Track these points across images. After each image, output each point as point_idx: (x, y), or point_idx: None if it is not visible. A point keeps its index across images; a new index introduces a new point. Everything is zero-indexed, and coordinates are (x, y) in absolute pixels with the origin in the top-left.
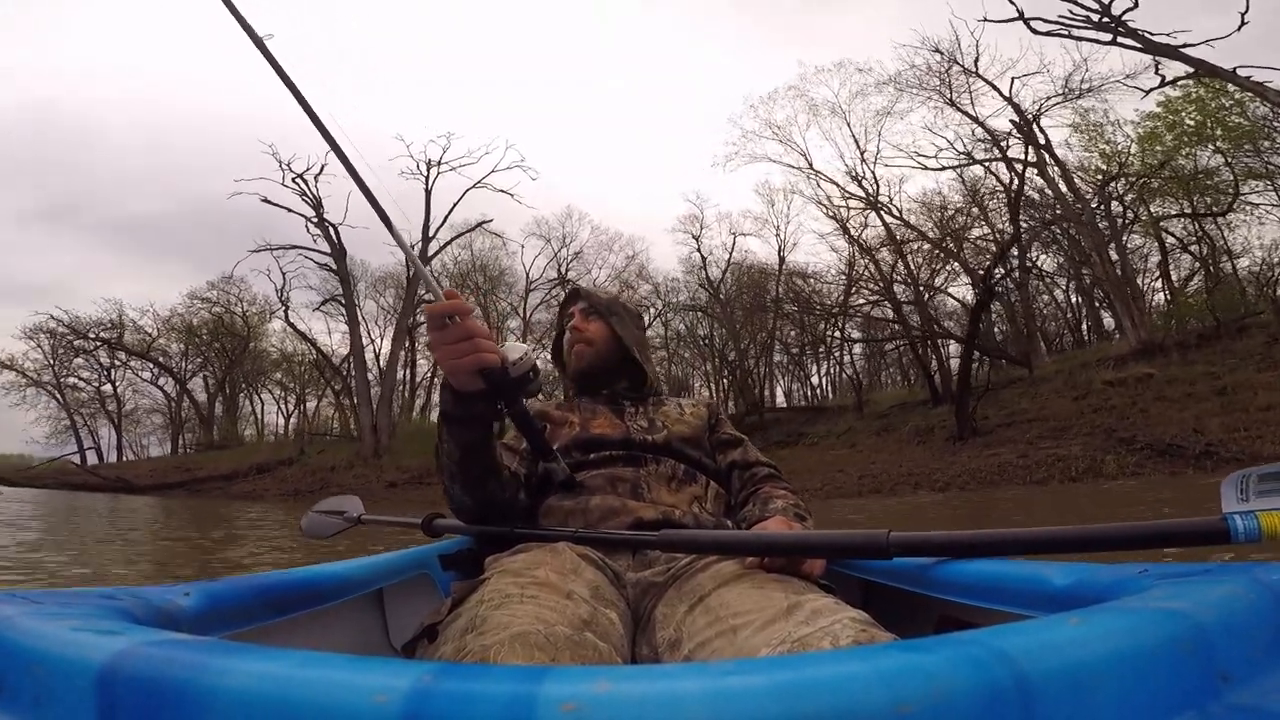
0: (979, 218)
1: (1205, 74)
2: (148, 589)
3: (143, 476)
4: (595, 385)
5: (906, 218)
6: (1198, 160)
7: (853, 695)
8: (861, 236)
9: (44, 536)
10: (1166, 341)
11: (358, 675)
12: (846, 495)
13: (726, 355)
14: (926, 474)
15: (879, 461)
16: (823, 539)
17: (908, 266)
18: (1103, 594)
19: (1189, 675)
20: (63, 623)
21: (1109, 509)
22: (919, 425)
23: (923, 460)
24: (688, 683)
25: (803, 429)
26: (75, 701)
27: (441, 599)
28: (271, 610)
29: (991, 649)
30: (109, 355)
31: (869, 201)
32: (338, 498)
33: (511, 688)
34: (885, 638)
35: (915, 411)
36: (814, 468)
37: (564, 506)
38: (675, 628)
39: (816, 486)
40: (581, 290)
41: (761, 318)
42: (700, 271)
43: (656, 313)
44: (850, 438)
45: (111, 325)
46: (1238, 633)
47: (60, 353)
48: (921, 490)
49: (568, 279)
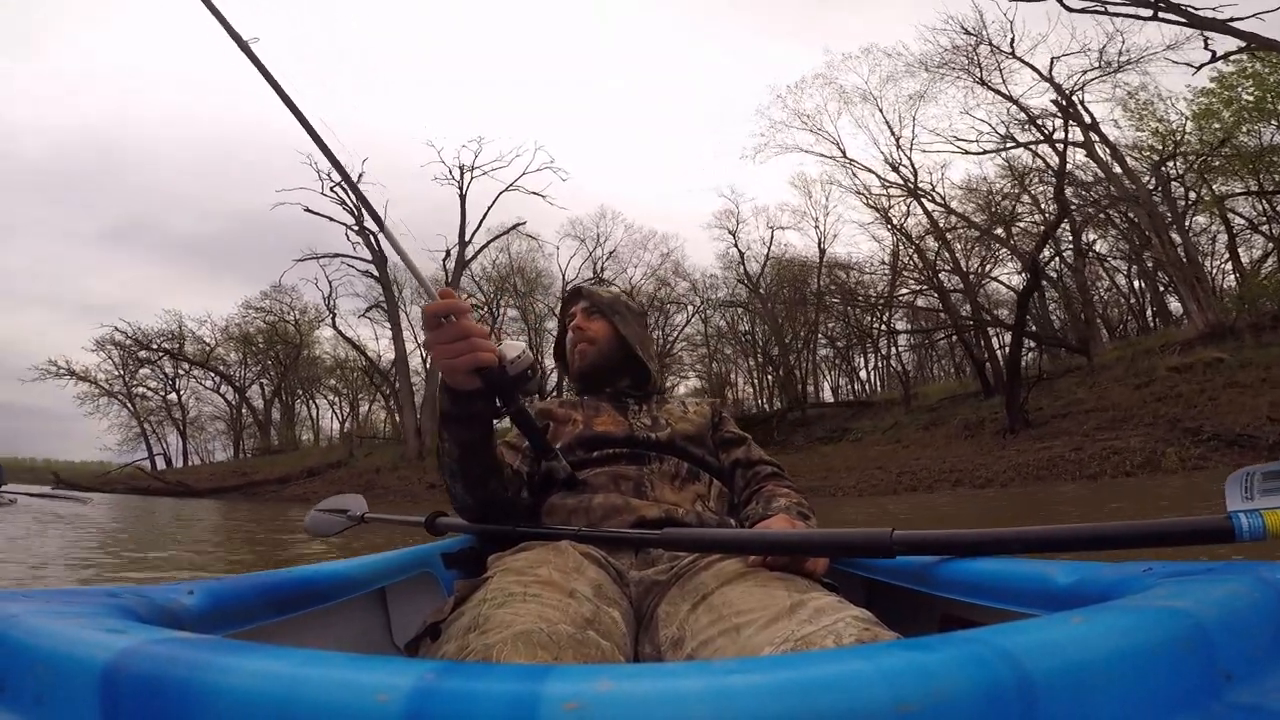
0: (1027, 202)
1: (1259, 47)
2: (151, 588)
3: (203, 480)
4: (598, 384)
5: (950, 204)
6: (1261, 137)
7: (855, 694)
8: (904, 225)
9: (135, 534)
10: (1238, 324)
11: (360, 674)
12: (881, 493)
13: (769, 351)
14: (969, 470)
15: (923, 457)
16: (826, 537)
17: (953, 254)
18: (1106, 593)
19: (1192, 674)
20: (66, 621)
21: (1163, 504)
22: (969, 418)
23: (969, 455)
24: (690, 681)
25: (847, 424)
26: (79, 700)
27: (444, 598)
28: (274, 609)
29: (994, 648)
30: (173, 365)
31: (910, 189)
32: (340, 497)
33: (514, 686)
34: (888, 636)
35: (965, 404)
36: (854, 464)
37: (567, 504)
38: (678, 626)
39: (850, 485)
40: (583, 290)
41: (803, 311)
42: (739, 267)
43: (695, 310)
44: (896, 433)
45: (172, 336)
46: (1241, 632)
47: (128, 364)
48: (961, 488)
49: (603, 278)
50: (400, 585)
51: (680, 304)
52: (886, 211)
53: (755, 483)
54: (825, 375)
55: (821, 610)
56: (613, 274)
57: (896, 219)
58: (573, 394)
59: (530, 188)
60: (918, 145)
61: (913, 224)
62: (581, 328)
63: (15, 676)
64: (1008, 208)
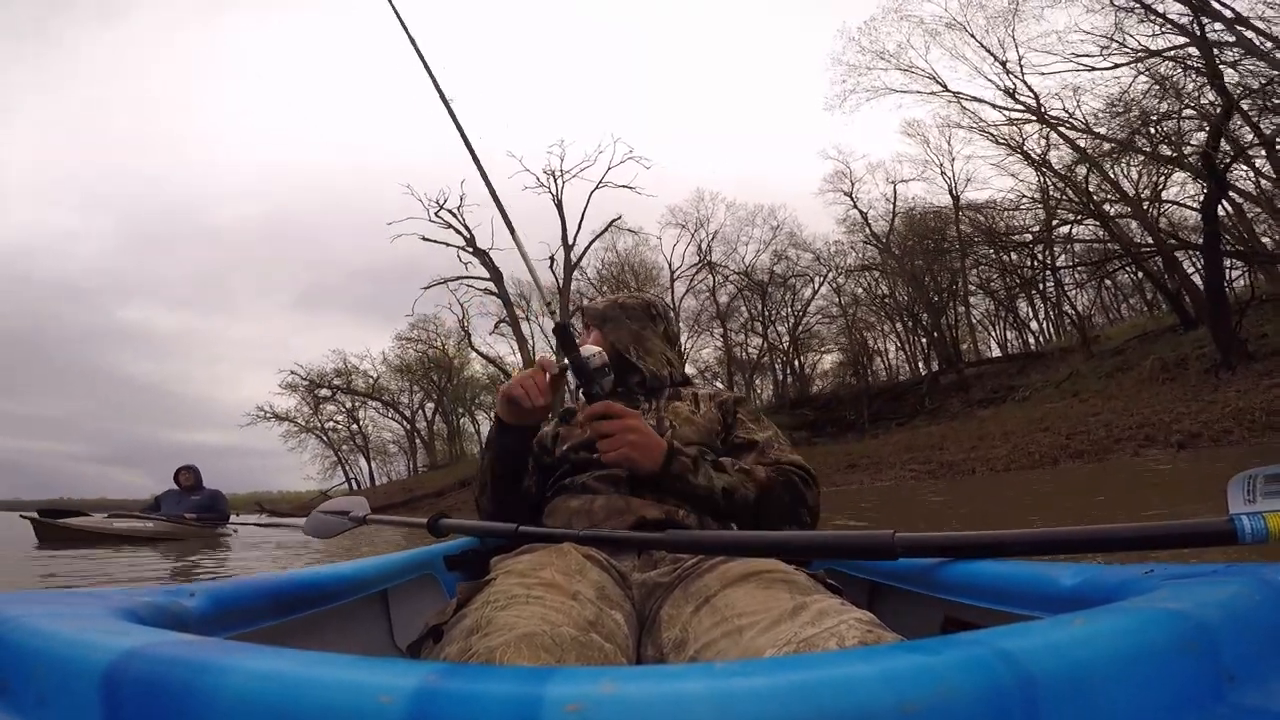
0: (1190, 115)
1: None
2: (152, 590)
3: (376, 499)
4: (623, 392)
5: (1092, 128)
6: None
7: (857, 696)
8: (1045, 157)
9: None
10: None
11: (362, 675)
12: (1036, 464)
13: (915, 311)
14: (1165, 423)
15: (1104, 411)
16: (829, 539)
17: (1112, 181)
18: (1108, 595)
19: (1195, 677)
20: (68, 623)
21: None
22: (1166, 357)
23: (1168, 403)
24: (692, 683)
25: (1012, 382)
26: (81, 701)
27: (446, 599)
28: (276, 611)
29: (996, 650)
30: (349, 399)
31: (1041, 116)
32: (343, 498)
33: (516, 688)
34: (891, 638)
35: (1160, 341)
36: (1014, 428)
37: (569, 506)
38: (681, 628)
39: (1000, 456)
40: (581, 308)
41: (945, 263)
42: (863, 229)
43: (822, 280)
44: (1072, 385)
45: (339, 373)
46: (1244, 634)
47: (309, 402)
48: (1152, 449)
49: (711, 261)
50: (402, 587)
51: (805, 276)
52: (1021, 146)
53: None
54: (990, 331)
55: (824, 612)
56: (721, 255)
57: (1035, 151)
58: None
59: (618, 182)
60: (1031, 68)
61: (1054, 156)
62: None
63: (18, 678)
64: (1161, 121)
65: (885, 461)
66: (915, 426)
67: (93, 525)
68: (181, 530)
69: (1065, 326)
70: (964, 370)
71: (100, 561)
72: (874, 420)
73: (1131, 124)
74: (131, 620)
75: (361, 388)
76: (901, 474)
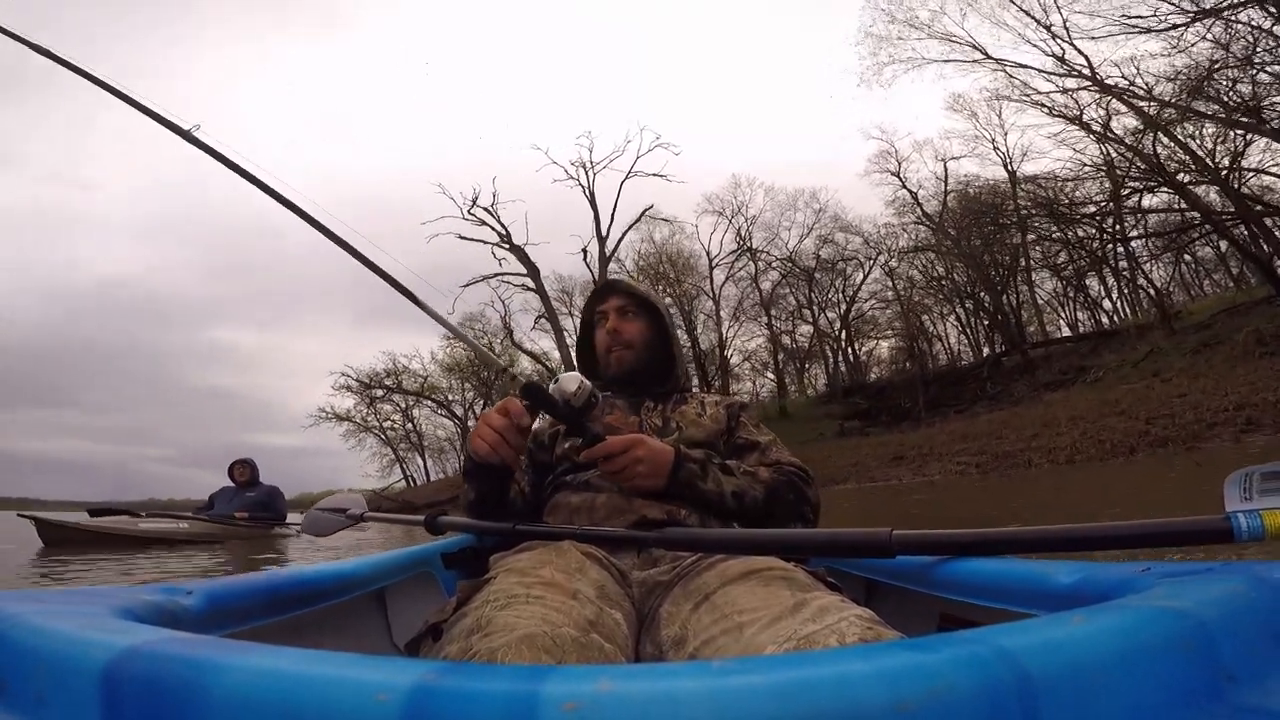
0: (1257, 75)
1: None
2: (150, 588)
3: (424, 496)
4: (630, 389)
5: (1154, 95)
6: None
7: (854, 694)
8: (1107, 127)
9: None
10: None
11: (359, 673)
12: (1108, 454)
13: (975, 293)
14: (1271, 404)
15: (1191, 392)
16: (826, 537)
17: (1186, 146)
18: (1105, 593)
19: (1192, 674)
20: (66, 622)
21: None
22: (1263, 330)
23: (1268, 379)
24: (689, 682)
25: (1084, 362)
26: (79, 700)
27: (444, 597)
28: (273, 609)
29: (994, 648)
30: (403, 398)
31: (1100, 84)
32: (340, 496)
33: (513, 687)
34: (892, 635)
35: (1254, 314)
36: (1084, 412)
37: (571, 502)
38: (680, 625)
39: (1065, 445)
40: (620, 284)
41: (1006, 241)
42: (914, 209)
43: (873, 263)
44: (1153, 363)
45: (389, 374)
46: (1241, 632)
47: (364, 401)
48: (1257, 434)
49: (752, 248)
50: (400, 585)
51: (855, 260)
52: (1079, 117)
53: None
54: (1060, 312)
55: (824, 609)
56: (762, 241)
57: (1096, 121)
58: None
59: (649, 171)
60: (1079, 31)
61: (1116, 125)
62: (618, 330)
63: (17, 677)
64: (1234, 86)
65: (935, 453)
66: (975, 414)
67: (110, 526)
68: (224, 531)
69: (1142, 304)
70: (1029, 351)
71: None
72: (931, 407)
73: (1199, 88)
74: (130, 619)
75: (412, 387)
76: (949, 467)
